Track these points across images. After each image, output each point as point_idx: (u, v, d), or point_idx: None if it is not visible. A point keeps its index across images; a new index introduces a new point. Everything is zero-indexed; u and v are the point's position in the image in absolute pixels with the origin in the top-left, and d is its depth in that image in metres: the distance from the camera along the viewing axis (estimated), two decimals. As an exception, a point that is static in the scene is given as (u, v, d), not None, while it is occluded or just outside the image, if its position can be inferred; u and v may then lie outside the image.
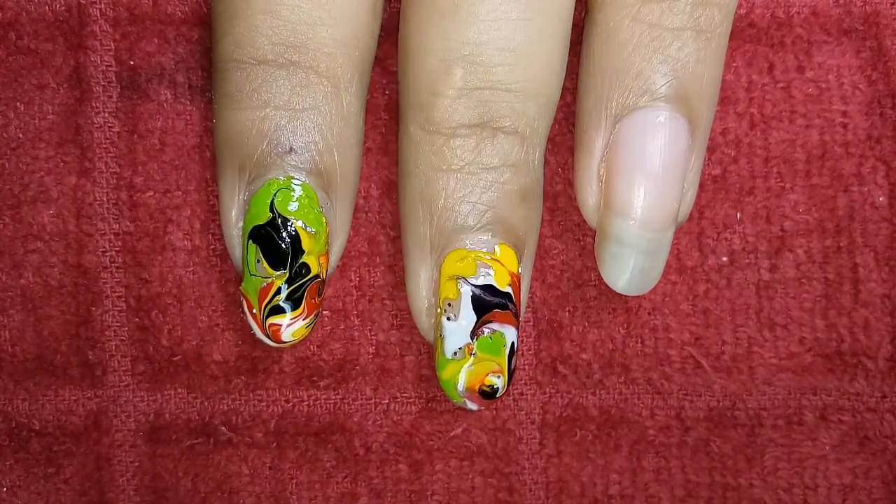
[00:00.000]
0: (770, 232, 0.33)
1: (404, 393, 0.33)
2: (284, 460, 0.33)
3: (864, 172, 0.33)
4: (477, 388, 0.31)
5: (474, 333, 0.30)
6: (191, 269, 0.33)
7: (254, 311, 0.31)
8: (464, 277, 0.30)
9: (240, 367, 0.33)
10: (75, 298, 0.33)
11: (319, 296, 0.31)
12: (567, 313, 0.33)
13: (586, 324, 0.33)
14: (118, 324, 0.33)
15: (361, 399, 0.33)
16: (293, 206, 0.30)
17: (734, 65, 0.33)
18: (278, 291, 0.30)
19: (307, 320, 0.31)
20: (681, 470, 0.33)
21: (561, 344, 0.33)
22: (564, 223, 0.33)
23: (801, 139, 0.33)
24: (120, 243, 0.33)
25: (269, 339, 0.31)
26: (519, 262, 0.31)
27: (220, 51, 0.31)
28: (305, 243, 0.30)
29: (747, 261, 0.33)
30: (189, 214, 0.33)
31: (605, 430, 0.33)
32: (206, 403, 0.33)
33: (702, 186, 0.33)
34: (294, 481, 0.33)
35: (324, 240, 0.31)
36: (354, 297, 0.33)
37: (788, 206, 0.33)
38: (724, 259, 0.33)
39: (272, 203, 0.30)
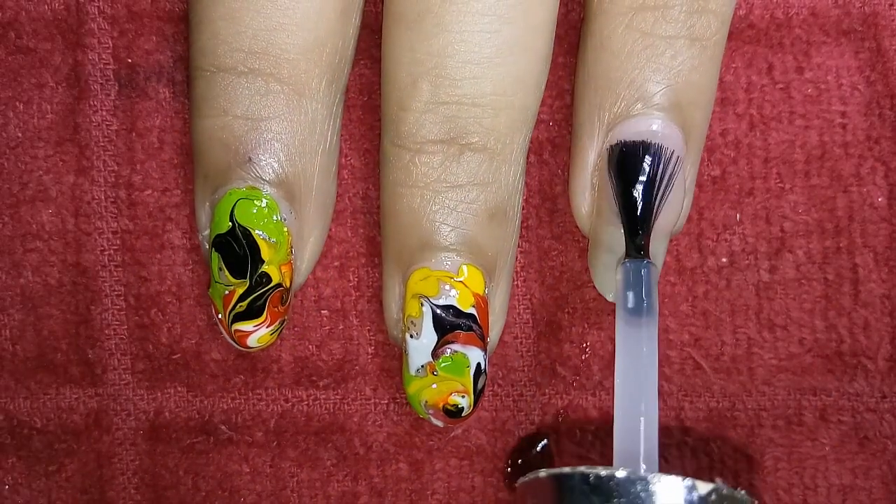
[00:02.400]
0: (770, 233, 0.33)
1: (404, 393, 0.33)
2: (285, 459, 0.33)
3: (864, 173, 0.33)
4: (441, 406, 0.31)
5: (435, 353, 0.30)
6: (190, 267, 0.33)
7: (219, 316, 0.31)
8: (426, 297, 0.30)
9: (239, 365, 0.33)
10: (74, 297, 0.33)
11: (283, 304, 0.31)
12: (566, 314, 0.33)
13: (585, 325, 0.33)
14: (118, 322, 0.33)
15: (361, 399, 0.33)
16: (252, 216, 0.30)
17: (733, 66, 0.33)
18: (240, 299, 0.30)
19: (271, 328, 0.31)
20: (681, 470, 0.33)
21: (560, 345, 0.33)
22: (564, 224, 0.33)
23: (801, 140, 0.33)
24: (119, 242, 0.33)
25: (236, 343, 0.31)
26: (487, 284, 0.31)
27: (190, 58, 0.31)
28: (265, 253, 0.30)
29: (747, 262, 0.33)
30: (188, 213, 0.33)
31: (605, 430, 0.33)
32: (206, 402, 0.33)
33: (701, 187, 0.33)
34: (294, 480, 0.33)
35: (286, 249, 0.30)
36: (353, 298, 0.33)
37: (788, 207, 0.33)
38: (724, 260, 0.33)
39: (232, 212, 0.30)
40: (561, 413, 0.33)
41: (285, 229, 0.30)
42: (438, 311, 0.30)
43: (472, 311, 0.30)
